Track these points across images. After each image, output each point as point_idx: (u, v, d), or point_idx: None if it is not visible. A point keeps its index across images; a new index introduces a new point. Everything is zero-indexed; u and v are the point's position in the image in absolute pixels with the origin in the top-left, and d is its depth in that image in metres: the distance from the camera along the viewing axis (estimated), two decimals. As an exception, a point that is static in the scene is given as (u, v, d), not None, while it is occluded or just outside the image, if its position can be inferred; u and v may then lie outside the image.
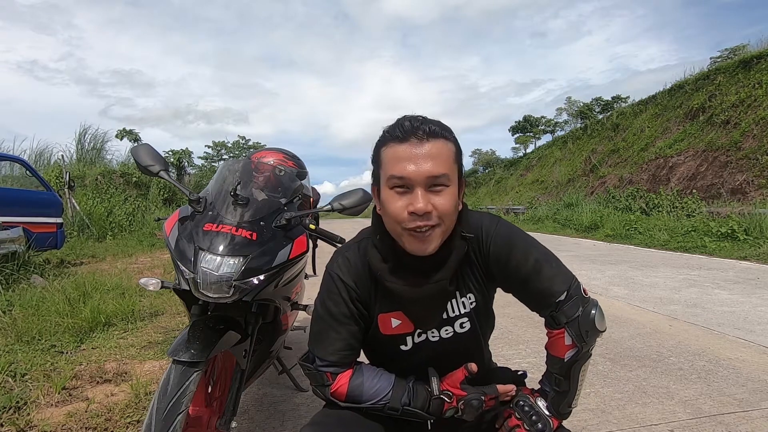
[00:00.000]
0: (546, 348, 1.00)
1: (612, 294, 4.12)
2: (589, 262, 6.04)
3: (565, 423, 0.98)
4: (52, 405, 1.97)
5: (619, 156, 15.11)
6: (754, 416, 1.81)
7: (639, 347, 2.68)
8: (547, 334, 0.99)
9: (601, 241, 8.90)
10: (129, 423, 1.80)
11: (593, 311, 0.93)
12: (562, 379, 0.95)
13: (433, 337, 0.99)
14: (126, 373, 2.31)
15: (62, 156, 10.93)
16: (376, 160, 0.90)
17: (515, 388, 1.00)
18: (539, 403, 0.97)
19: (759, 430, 1.71)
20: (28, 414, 1.87)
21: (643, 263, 5.87)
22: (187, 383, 1.09)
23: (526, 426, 0.94)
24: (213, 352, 1.16)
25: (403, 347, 0.99)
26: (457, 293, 0.97)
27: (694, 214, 9.15)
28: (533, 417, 0.94)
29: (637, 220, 9.76)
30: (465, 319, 0.99)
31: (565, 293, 0.92)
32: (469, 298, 0.98)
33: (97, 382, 2.21)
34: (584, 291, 0.95)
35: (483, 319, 1.02)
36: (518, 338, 2.91)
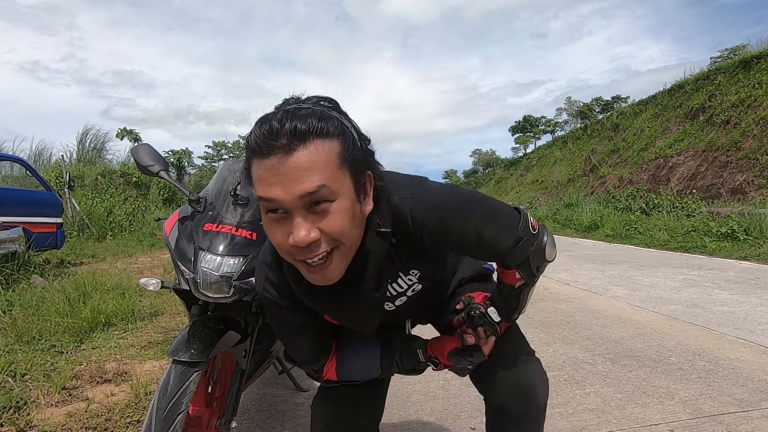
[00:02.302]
0: (497, 271, 1.00)
1: (612, 294, 4.12)
2: (589, 262, 6.05)
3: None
4: (52, 405, 1.97)
5: (619, 156, 15.12)
6: (754, 416, 1.81)
7: (639, 347, 2.68)
8: (497, 268, 1.00)
9: (601, 241, 8.90)
10: (129, 423, 1.80)
11: (544, 241, 0.91)
12: (512, 299, 0.97)
13: (389, 308, 0.97)
14: (126, 373, 2.31)
15: (62, 156, 10.93)
16: (249, 174, 0.70)
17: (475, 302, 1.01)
18: (489, 311, 0.97)
19: (759, 430, 1.71)
20: (28, 414, 1.87)
21: (643, 263, 5.87)
22: (187, 383, 1.09)
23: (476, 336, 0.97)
24: (213, 352, 1.16)
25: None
26: (400, 274, 0.90)
27: (694, 214, 9.16)
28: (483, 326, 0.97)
29: (637, 220, 9.77)
30: (417, 286, 0.94)
31: (512, 241, 0.86)
32: (414, 273, 0.90)
33: (97, 382, 2.21)
34: (532, 226, 0.90)
35: (438, 272, 1.01)
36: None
